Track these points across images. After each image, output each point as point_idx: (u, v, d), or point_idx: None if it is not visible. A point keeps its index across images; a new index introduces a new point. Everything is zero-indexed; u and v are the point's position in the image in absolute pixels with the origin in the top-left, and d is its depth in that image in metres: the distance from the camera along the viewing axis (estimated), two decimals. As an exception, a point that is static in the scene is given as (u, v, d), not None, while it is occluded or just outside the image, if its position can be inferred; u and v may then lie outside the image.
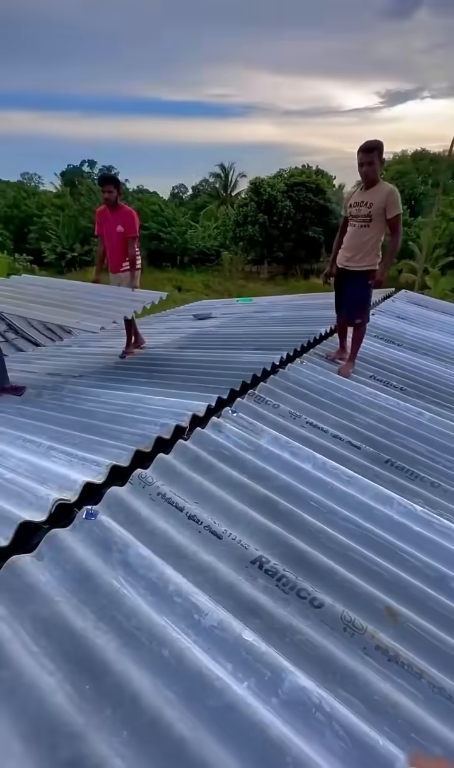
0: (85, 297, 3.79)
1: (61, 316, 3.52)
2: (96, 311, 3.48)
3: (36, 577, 1.37)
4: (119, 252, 4.03)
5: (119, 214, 3.91)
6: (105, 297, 3.80)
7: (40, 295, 3.89)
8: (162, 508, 1.73)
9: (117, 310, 3.52)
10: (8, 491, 1.83)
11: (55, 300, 3.77)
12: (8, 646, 1.17)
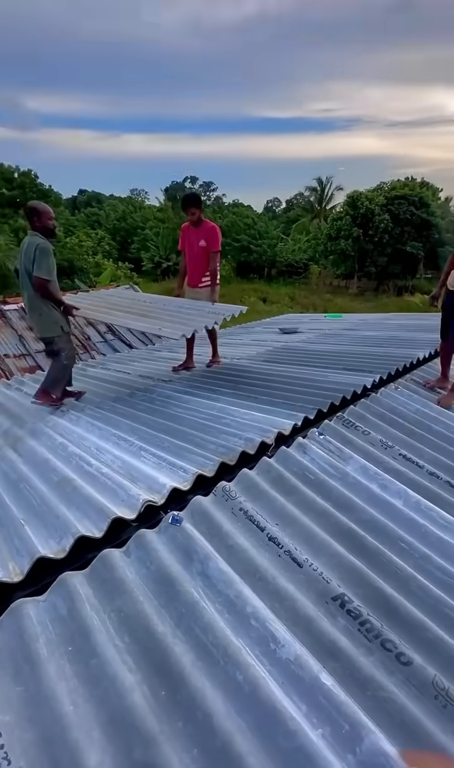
0: (167, 308, 3.97)
1: (144, 323, 3.73)
2: (177, 320, 3.64)
3: (123, 572, 1.45)
4: (200, 266, 4.06)
5: (202, 230, 3.96)
6: (186, 309, 3.87)
7: (126, 306, 4.19)
8: (243, 525, 1.73)
9: (198, 320, 3.61)
10: (104, 486, 1.97)
11: (139, 310, 4.02)
12: (97, 635, 1.24)
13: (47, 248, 3.01)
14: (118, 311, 4.02)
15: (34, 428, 2.90)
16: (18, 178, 26.87)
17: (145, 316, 3.82)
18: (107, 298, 4.69)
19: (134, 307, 4.12)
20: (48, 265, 3.02)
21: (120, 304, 4.27)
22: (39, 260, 2.99)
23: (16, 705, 1.08)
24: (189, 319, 3.64)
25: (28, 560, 1.51)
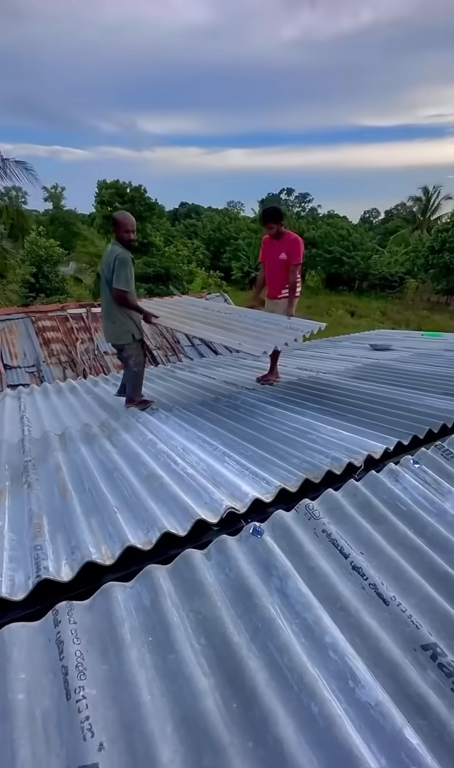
0: (243, 321, 3.88)
1: (224, 336, 3.62)
2: (255, 335, 3.54)
3: (203, 575, 1.48)
4: (280, 278, 3.98)
5: (284, 242, 3.88)
6: (263, 322, 3.76)
7: (203, 316, 4.15)
8: (325, 548, 1.66)
9: (275, 336, 3.50)
10: (188, 486, 2.04)
11: (218, 321, 3.96)
12: (176, 632, 1.28)
13: (125, 259, 3.08)
14: (196, 321, 3.98)
15: (127, 422, 3.12)
16: (129, 193, 29.51)
17: (224, 329, 3.75)
18: (185, 307, 4.68)
19: (212, 318, 4.06)
20: (126, 276, 3.10)
21: (197, 314, 4.23)
22: (117, 271, 3.07)
23: (102, 682, 1.16)
24: (267, 334, 3.53)
25: (119, 546, 1.62)
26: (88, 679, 1.15)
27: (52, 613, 1.30)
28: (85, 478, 2.22)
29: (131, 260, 3.19)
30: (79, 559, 1.54)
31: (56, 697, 1.12)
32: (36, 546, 1.61)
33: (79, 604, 1.35)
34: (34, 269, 15.20)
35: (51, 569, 1.49)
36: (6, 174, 10.96)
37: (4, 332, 7.84)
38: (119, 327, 3.35)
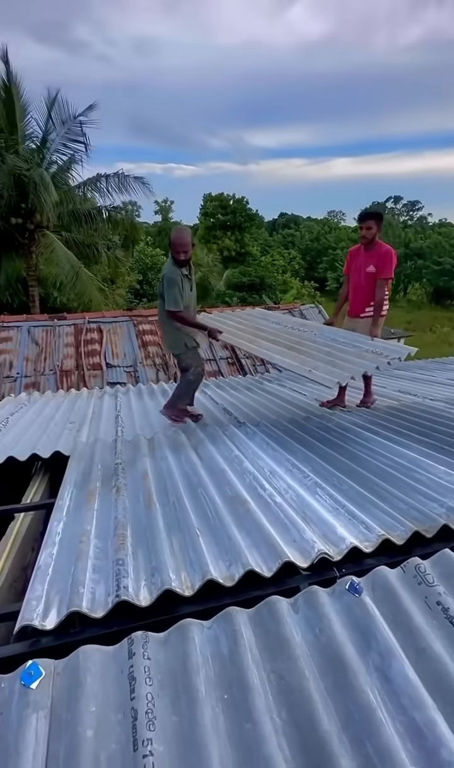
0: (317, 340, 3.40)
1: (294, 361, 3.17)
2: (329, 359, 3.11)
3: (290, 631, 1.29)
4: (364, 294, 3.55)
5: (374, 253, 3.45)
6: (340, 343, 3.30)
7: (273, 333, 3.77)
8: (440, 626, 1.35)
9: (354, 362, 3.04)
10: (276, 517, 1.87)
11: (287, 339, 3.56)
12: (255, 697, 1.12)
13: (172, 279, 3.02)
14: (264, 340, 3.65)
15: (213, 433, 3.06)
16: (232, 204, 30.56)
17: (295, 350, 3.37)
18: (255, 321, 4.26)
19: (282, 336, 3.63)
20: (173, 297, 3.03)
21: (266, 330, 3.89)
22: (166, 292, 3.05)
23: (170, 737, 1.04)
24: (344, 359, 3.05)
25: (199, 577, 1.51)
26: (157, 731, 1.04)
27: (128, 642, 1.22)
28: (170, 490, 2.18)
29: (183, 277, 3.08)
30: (158, 584, 1.47)
31: (123, 743, 1.03)
32: (118, 560, 1.58)
33: (154, 636, 1.26)
34: (140, 276, 16.45)
35: (130, 590, 1.44)
36: (126, 189, 12.02)
37: (110, 333, 8.51)
38: (171, 336, 3.32)
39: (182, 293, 3.05)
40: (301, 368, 3.04)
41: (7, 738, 1.01)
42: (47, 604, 1.41)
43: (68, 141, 11.04)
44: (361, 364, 3.01)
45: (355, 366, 2.99)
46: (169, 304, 3.04)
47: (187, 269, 3.15)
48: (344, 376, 2.92)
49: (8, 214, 10.40)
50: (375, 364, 3.01)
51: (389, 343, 3.42)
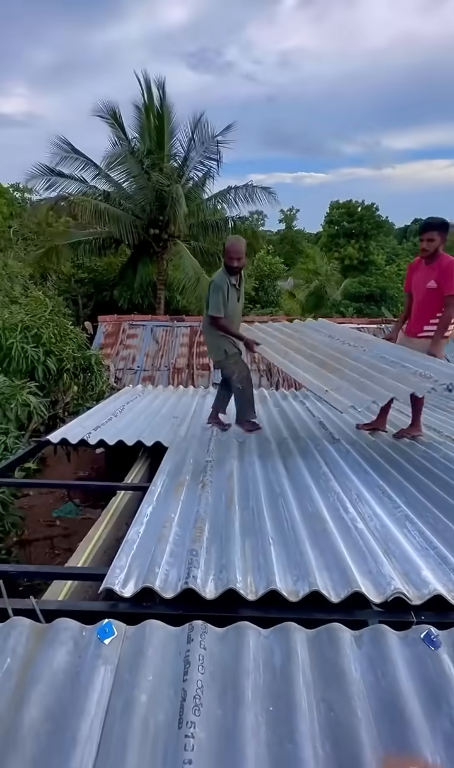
0: (364, 358, 3.06)
1: (316, 378, 2.92)
2: (360, 381, 2.74)
3: (349, 665, 1.23)
4: (425, 312, 3.12)
5: (436, 267, 3.01)
6: (388, 364, 2.91)
7: (315, 348, 3.46)
8: None
9: (387, 386, 2.62)
10: (354, 543, 1.78)
11: (327, 355, 3.25)
12: (300, 720, 1.10)
13: (218, 285, 3.05)
14: (299, 353, 3.42)
15: (305, 447, 3.02)
16: (360, 212, 29.33)
17: (326, 367, 3.07)
18: (305, 333, 3.95)
19: (322, 351, 3.37)
20: (216, 302, 3.04)
21: (310, 344, 3.58)
22: (211, 297, 3.06)
23: (213, 729, 1.09)
24: (379, 381, 2.71)
25: (264, 584, 1.53)
26: (201, 717, 1.10)
27: (188, 628, 1.31)
28: (251, 495, 2.24)
29: (230, 286, 3.08)
30: (224, 581, 1.53)
31: (170, 717, 1.11)
32: (193, 550, 1.70)
33: (212, 630, 1.32)
34: (256, 283, 16.92)
35: (199, 581, 1.53)
36: (253, 200, 12.54)
37: (221, 336, 9.00)
38: (211, 343, 3.34)
39: (226, 301, 3.07)
40: (319, 387, 2.81)
41: (80, 677, 1.18)
42: (128, 574, 1.59)
43: (205, 159, 11.98)
44: (395, 388, 2.61)
45: (386, 390, 2.62)
46: (212, 310, 3.09)
47: (236, 279, 3.18)
48: (365, 401, 2.57)
49: (148, 226, 11.74)
50: (416, 389, 2.61)
51: (448, 365, 2.86)
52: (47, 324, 5.07)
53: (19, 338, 4.66)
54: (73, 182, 11.53)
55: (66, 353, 5.06)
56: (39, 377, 4.68)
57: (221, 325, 3.16)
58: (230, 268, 3.08)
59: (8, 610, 1.43)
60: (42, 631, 1.31)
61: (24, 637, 1.28)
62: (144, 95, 11.49)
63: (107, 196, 11.82)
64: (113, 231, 11.19)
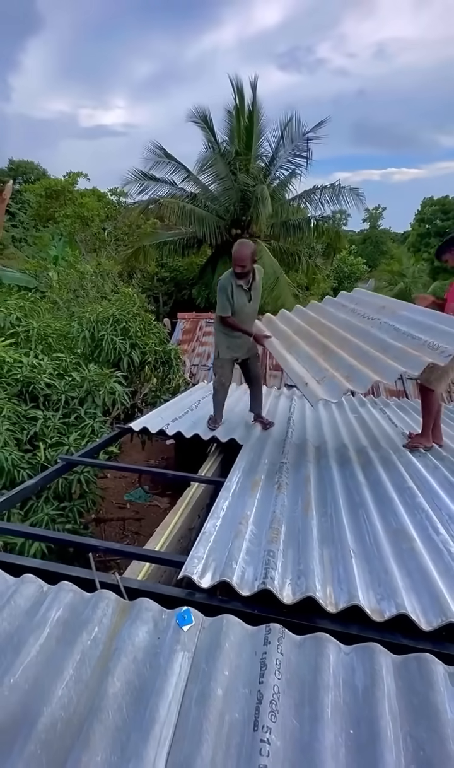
0: (374, 335, 2.74)
1: (306, 367, 2.75)
2: (350, 366, 2.48)
3: (441, 702, 1.11)
4: None
5: None
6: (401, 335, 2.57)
7: (325, 329, 3.21)
8: None
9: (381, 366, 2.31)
10: (446, 567, 1.62)
11: (330, 339, 3.03)
12: (385, 750, 1.01)
13: (223, 286, 3.14)
14: (304, 339, 3.24)
15: (386, 456, 2.83)
16: (456, 208, 26.92)
17: (327, 351, 2.84)
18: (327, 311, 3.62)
19: (331, 332, 3.13)
20: (221, 302, 3.17)
21: (324, 325, 3.31)
22: (218, 298, 3.19)
23: (289, 739, 1.05)
24: (374, 362, 2.41)
25: (345, 597, 1.45)
26: (277, 724, 1.07)
27: (265, 630, 1.28)
28: (328, 501, 2.15)
29: (237, 287, 3.12)
30: (303, 588, 1.48)
31: (245, 717, 1.09)
32: (269, 551, 1.67)
33: (290, 636, 1.28)
34: (335, 283, 16.34)
35: (276, 583, 1.50)
36: (338, 201, 12.12)
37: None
38: (214, 343, 3.50)
39: (231, 301, 3.15)
40: (299, 379, 2.65)
41: (159, 658, 1.22)
42: (205, 565, 1.60)
43: (293, 157, 11.84)
44: (386, 369, 2.30)
45: (375, 372, 2.33)
46: (218, 310, 3.22)
47: (246, 281, 3.18)
48: (337, 391, 2.33)
49: (230, 226, 11.93)
50: (407, 368, 2.25)
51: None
52: (135, 318, 5.37)
53: (109, 330, 5.00)
54: (163, 185, 12.12)
55: (149, 346, 5.32)
56: (124, 368, 4.98)
57: (230, 323, 3.24)
58: (237, 271, 3.12)
59: (96, 582, 1.53)
60: (126, 607, 1.38)
61: (110, 610, 1.36)
62: (235, 98, 11.68)
63: (194, 197, 12.23)
64: (197, 231, 11.55)
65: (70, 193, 17.21)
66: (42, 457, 3.24)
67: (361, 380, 2.36)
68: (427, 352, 2.28)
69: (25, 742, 1.03)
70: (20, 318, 4.49)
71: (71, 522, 3.22)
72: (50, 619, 1.32)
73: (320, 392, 2.43)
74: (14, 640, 1.27)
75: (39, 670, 1.19)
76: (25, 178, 33.43)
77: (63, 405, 3.77)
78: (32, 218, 18.56)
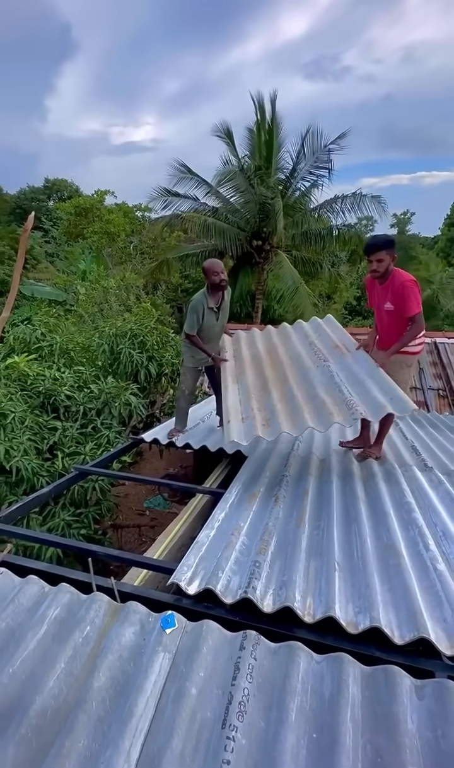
0: (312, 378, 2.89)
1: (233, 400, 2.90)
2: (274, 410, 2.63)
3: (404, 714, 1.16)
4: (389, 333, 2.92)
5: (389, 287, 2.80)
6: (331, 385, 2.75)
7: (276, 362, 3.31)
8: None
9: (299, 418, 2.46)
10: (430, 585, 1.65)
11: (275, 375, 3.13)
12: (343, 756, 1.07)
13: (194, 307, 3.22)
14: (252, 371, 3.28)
15: (390, 471, 2.85)
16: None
17: (262, 390, 2.96)
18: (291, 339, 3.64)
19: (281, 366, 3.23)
20: (190, 321, 3.25)
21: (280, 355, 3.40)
22: (187, 317, 3.27)
23: (254, 739, 1.13)
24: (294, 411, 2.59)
25: (322, 609, 1.51)
26: (244, 723, 1.15)
27: (242, 636, 1.37)
28: (323, 516, 2.20)
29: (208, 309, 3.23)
30: (283, 598, 1.55)
31: (215, 715, 1.18)
32: (256, 562, 1.75)
33: (265, 643, 1.36)
34: (359, 292, 16.17)
35: (258, 592, 1.58)
36: (360, 209, 12.09)
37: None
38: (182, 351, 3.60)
39: (200, 322, 3.27)
40: (227, 414, 2.78)
41: (142, 658, 1.33)
42: (194, 574, 1.71)
43: (314, 168, 11.94)
44: (299, 422, 2.50)
45: (286, 421, 2.55)
46: (186, 328, 3.32)
47: (217, 301, 3.29)
48: (250, 434, 2.49)
49: (251, 238, 12.13)
50: (313, 425, 2.44)
51: (392, 386, 2.56)
52: (152, 332, 5.59)
53: (127, 344, 5.23)
54: (186, 201, 12.50)
55: (166, 359, 5.52)
56: (141, 380, 5.19)
57: (194, 342, 3.38)
58: (214, 286, 3.22)
59: (92, 584, 1.66)
60: (116, 609, 1.50)
61: (102, 611, 1.48)
62: (256, 113, 11.95)
63: (215, 211, 12.53)
64: (218, 244, 11.81)
65: (98, 210, 18.00)
66: (60, 466, 3.45)
67: (273, 429, 2.52)
68: (343, 410, 2.49)
69: (18, 726, 1.16)
70: (44, 333, 4.78)
71: (86, 527, 3.39)
72: (48, 617, 1.46)
73: (234, 433, 2.54)
74: (16, 635, 1.41)
75: (35, 663, 1.33)
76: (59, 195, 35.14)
77: (81, 416, 3.99)
78: (63, 234, 19.51)
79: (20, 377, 3.99)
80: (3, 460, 3.13)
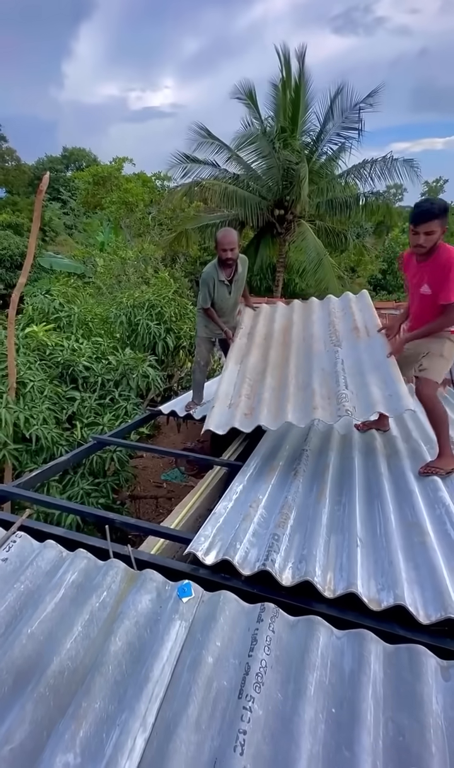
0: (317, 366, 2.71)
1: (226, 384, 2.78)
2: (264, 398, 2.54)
3: (428, 695, 1.11)
4: (421, 320, 2.43)
5: (429, 267, 2.26)
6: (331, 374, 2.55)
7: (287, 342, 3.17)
8: None
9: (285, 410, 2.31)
10: (458, 565, 1.57)
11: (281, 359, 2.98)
12: (363, 735, 1.04)
13: (204, 281, 3.13)
14: (258, 350, 3.17)
15: (415, 448, 2.74)
16: None
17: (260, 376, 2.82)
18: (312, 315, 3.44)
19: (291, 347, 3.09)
20: (202, 295, 3.19)
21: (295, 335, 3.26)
22: (200, 290, 3.20)
23: (271, 711, 1.11)
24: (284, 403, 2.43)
25: (343, 584, 1.46)
26: (261, 695, 1.13)
27: (260, 608, 1.34)
28: (344, 491, 2.13)
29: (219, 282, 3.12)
30: (302, 572, 1.51)
31: (232, 685, 1.16)
32: (275, 534, 1.70)
33: (284, 616, 1.32)
34: (384, 265, 15.49)
35: (277, 565, 1.54)
36: (390, 174, 11.34)
37: (337, 322, 8.55)
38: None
39: (212, 294, 3.16)
40: (216, 399, 2.68)
41: (159, 625, 1.31)
42: (211, 544, 1.68)
43: (343, 130, 11.18)
44: (279, 416, 2.39)
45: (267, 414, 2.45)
46: (199, 303, 3.27)
47: (229, 273, 3.14)
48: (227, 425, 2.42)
49: (274, 207, 11.62)
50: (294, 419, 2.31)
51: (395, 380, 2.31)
52: (170, 303, 5.48)
53: (144, 315, 5.15)
54: (206, 167, 11.98)
55: (183, 331, 5.43)
56: (159, 352, 5.13)
57: (208, 315, 3.31)
58: (224, 260, 3.06)
59: (110, 551, 1.65)
60: (133, 576, 1.48)
61: (119, 577, 1.47)
62: (282, 70, 11.15)
63: (236, 178, 12.01)
64: (239, 213, 11.37)
65: (116, 179, 17.55)
66: (78, 435, 3.47)
67: (253, 420, 2.44)
68: (331, 405, 2.31)
69: (36, 684, 1.17)
70: (63, 304, 4.74)
71: (104, 497, 3.44)
72: (66, 581, 1.46)
73: (213, 422, 2.46)
74: (34, 597, 1.42)
75: (53, 624, 1.33)
76: (77, 165, 34.44)
77: (99, 387, 3.98)
78: (81, 204, 19.20)
79: (39, 347, 3.99)
80: (23, 428, 3.16)
